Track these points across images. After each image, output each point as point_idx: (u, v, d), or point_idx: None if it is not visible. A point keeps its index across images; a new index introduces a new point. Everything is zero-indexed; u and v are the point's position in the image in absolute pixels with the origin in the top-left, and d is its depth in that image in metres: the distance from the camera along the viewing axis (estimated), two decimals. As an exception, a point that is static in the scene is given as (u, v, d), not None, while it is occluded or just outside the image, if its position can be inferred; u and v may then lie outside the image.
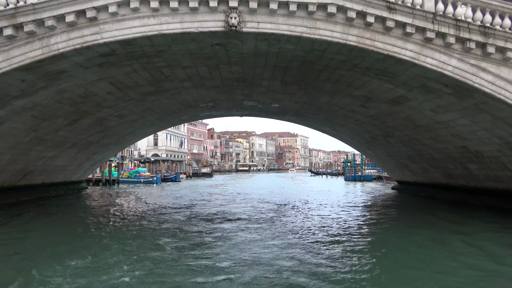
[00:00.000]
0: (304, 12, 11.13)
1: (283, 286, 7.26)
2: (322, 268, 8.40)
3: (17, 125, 15.57)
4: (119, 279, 7.50)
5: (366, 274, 8.02)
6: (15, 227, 13.47)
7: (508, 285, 7.53)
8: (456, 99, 12.97)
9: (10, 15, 10.76)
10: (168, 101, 20.63)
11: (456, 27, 11.01)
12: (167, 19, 11.17)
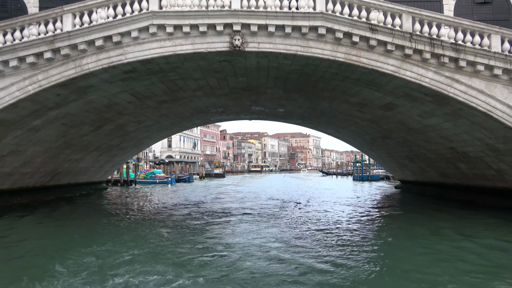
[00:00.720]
0: (298, 34, 12.89)
1: (267, 259, 9.11)
2: (301, 249, 10.19)
3: (49, 132, 17.67)
4: (133, 256, 9.45)
5: (350, 261, 9.71)
6: (52, 221, 15.51)
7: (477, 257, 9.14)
8: (437, 106, 14.54)
9: (49, 41, 12.78)
10: (181, 108, 22.59)
11: (431, 44, 12.61)
12: (180, 42, 13.06)
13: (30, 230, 13.56)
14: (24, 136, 16.45)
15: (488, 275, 7.96)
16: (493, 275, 8.01)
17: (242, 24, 12.76)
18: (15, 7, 16.44)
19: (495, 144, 15.00)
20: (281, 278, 7.82)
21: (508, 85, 12.94)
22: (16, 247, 10.75)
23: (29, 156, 18.63)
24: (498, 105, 12.92)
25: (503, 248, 10.37)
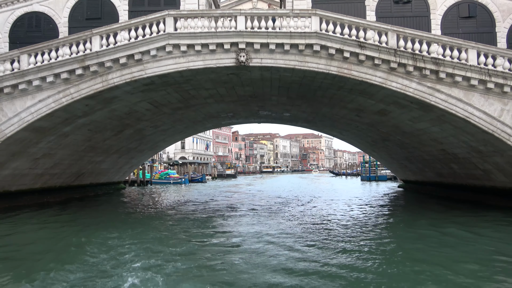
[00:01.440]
0: (295, 50, 14.64)
1: (261, 243, 10.95)
2: (292, 236, 11.94)
3: (77, 137, 19.77)
4: (148, 241, 11.39)
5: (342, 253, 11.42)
6: (81, 215, 17.56)
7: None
8: (423, 112, 16.11)
9: (80, 59, 14.81)
10: (194, 113, 24.52)
11: (413, 58, 14.23)
12: (193, 58, 14.95)
13: (66, 221, 15.66)
14: (56, 141, 18.56)
15: (461, 252, 9.79)
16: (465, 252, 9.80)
17: (246, 43, 14.58)
18: (48, 27, 18.58)
19: (477, 146, 16.50)
20: (270, 257, 9.60)
21: (485, 94, 14.47)
22: (59, 232, 13.04)
23: (58, 159, 20.78)
24: (476, 112, 14.47)
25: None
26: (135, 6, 18.56)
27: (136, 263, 8.80)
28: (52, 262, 9.00)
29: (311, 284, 7.52)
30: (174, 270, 8.45)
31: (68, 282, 7.59)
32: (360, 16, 17.78)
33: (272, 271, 8.41)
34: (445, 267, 8.48)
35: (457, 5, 17.81)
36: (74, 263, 8.90)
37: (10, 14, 18.69)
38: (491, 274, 8.15)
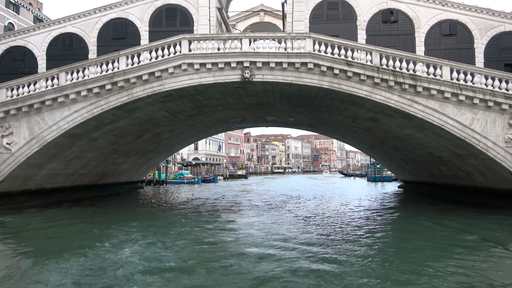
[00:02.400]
0: (292, 68, 17.02)
1: (257, 229, 13.33)
2: (282, 223, 14.30)
3: (103, 141, 22.47)
4: (160, 228, 13.87)
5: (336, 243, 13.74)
6: (107, 209, 20.23)
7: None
8: (406, 120, 18.30)
9: (109, 76, 17.46)
10: (206, 119, 27.07)
11: (394, 75, 16.45)
12: (204, 75, 17.45)
13: (94, 213, 18.35)
14: (86, 145, 21.29)
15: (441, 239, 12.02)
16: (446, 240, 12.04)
17: (250, 62, 17.02)
18: (79, 46, 21.35)
19: (456, 150, 18.60)
20: (260, 239, 12.04)
21: (457, 105, 16.60)
22: (90, 221, 15.63)
23: (87, 160, 23.54)
24: (449, 120, 16.61)
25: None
26: (154, 27, 21.18)
27: (147, 243, 11.33)
28: (86, 240, 11.73)
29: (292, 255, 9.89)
30: (178, 245, 11.06)
31: (98, 252, 10.23)
32: (352, 34, 20.12)
33: (261, 246, 10.89)
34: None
35: (439, 24, 19.93)
36: (103, 242, 11.52)
37: (47, 35, 21.52)
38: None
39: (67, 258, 9.47)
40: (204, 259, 9.78)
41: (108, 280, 7.90)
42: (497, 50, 19.65)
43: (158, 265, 8.97)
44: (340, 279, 7.95)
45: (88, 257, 9.69)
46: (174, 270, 8.60)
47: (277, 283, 7.71)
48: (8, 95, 18.08)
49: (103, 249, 10.59)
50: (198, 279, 7.98)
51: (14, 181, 19.28)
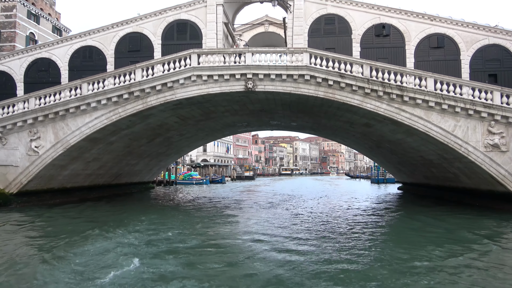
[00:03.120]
0: (291, 79, 18.82)
1: (255, 221, 15.16)
2: (277, 218, 16.07)
3: (119, 144, 24.50)
4: (170, 222, 15.74)
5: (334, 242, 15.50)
6: (123, 206, 22.21)
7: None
8: (396, 127, 19.98)
9: (127, 87, 19.45)
10: (214, 124, 28.99)
11: (383, 86, 18.16)
12: (211, 85, 19.34)
13: (112, 209, 20.34)
14: (103, 148, 23.32)
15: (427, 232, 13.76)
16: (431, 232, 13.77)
17: (253, 74, 18.87)
18: (98, 58, 23.40)
19: (442, 154, 20.21)
20: (255, 228, 13.88)
21: (441, 113, 18.23)
22: (109, 215, 17.64)
23: (104, 162, 25.60)
24: (434, 127, 18.26)
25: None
26: (166, 40, 23.14)
27: (158, 232, 13.30)
28: (110, 227, 13.79)
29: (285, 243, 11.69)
30: (182, 231, 13.03)
31: (117, 236, 12.21)
32: (347, 47, 21.87)
33: (255, 234, 12.75)
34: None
35: (428, 37, 21.56)
36: (120, 229, 13.55)
37: (69, 47, 23.63)
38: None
39: (94, 239, 11.58)
40: (204, 242, 11.77)
41: (126, 255, 9.91)
42: (482, 62, 21.21)
43: (167, 245, 11.02)
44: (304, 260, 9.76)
45: (111, 240, 11.68)
46: (177, 250, 10.63)
47: (258, 259, 9.71)
48: (36, 103, 20.18)
49: (125, 234, 12.56)
50: (196, 255, 10.27)
51: (41, 181, 21.38)
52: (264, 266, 9.16)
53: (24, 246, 11.45)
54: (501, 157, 17.87)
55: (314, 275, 8.47)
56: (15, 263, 9.39)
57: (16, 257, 9.99)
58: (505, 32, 21.01)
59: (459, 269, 9.00)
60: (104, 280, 8.01)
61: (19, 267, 9.07)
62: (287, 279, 8.15)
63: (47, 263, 9.32)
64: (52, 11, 41.57)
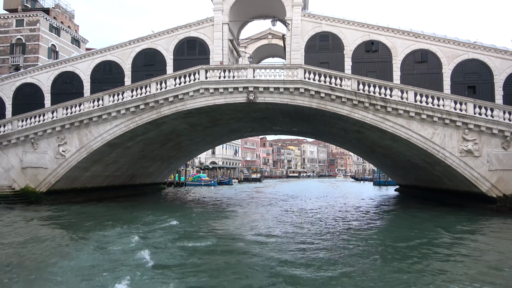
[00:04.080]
0: (287, 92, 21.26)
1: (252, 214, 17.59)
2: (271, 214, 18.47)
3: (135, 149, 27.15)
4: (179, 217, 18.25)
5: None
6: (139, 204, 24.81)
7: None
8: (382, 134, 22.26)
9: (143, 98, 22.08)
10: (220, 129, 31.54)
11: (368, 98, 20.48)
12: (217, 97, 21.87)
13: (130, 206, 22.96)
14: (121, 152, 25.99)
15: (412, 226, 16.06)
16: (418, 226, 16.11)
17: (253, 87, 21.36)
18: (117, 71, 26.12)
19: (424, 158, 22.43)
20: (250, 221, 16.31)
21: (421, 122, 20.49)
22: (127, 211, 20.16)
23: (121, 164, 28.28)
24: (414, 134, 20.52)
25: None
26: (178, 55, 25.77)
27: (168, 222, 15.84)
28: (127, 220, 16.31)
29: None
30: (188, 222, 15.47)
31: (133, 227, 14.74)
32: (340, 62, 24.24)
33: (252, 228, 15.19)
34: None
35: (413, 52, 23.82)
36: (135, 222, 16.09)
37: (91, 62, 26.40)
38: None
39: (110, 228, 14.24)
40: (206, 231, 14.26)
41: (142, 239, 12.44)
42: (462, 75, 23.40)
43: (170, 231, 13.63)
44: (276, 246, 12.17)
45: (130, 228, 14.26)
46: (182, 236, 13.16)
47: (247, 242, 12.24)
48: (64, 113, 22.93)
49: (141, 225, 15.10)
50: (199, 238, 12.68)
51: (66, 181, 24.11)
52: (246, 244, 11.71)
53: (57, 232, 14.07)
54: (474, 161, 20.06)
55: (279, 252, 10.97)
56: (51, 243, 12.03)
57: (52, 239, 12.62)
58: (483, 48, 23.18)
59: (405, 247, 11.40)
60: (116, 254, 10.59)
61: (55, 245, 11.71)
62: (257, 253, 10.74)
63: (75, 243, 12.01)
64: (71, 24, 44.62)
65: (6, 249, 11.22)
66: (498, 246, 12.34)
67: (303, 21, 24.65)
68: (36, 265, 9.48)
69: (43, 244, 11.93)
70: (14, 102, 26.96)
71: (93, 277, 8.38)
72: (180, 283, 8.10)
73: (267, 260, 10.04)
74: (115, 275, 8.44)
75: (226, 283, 8.18)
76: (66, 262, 9.55)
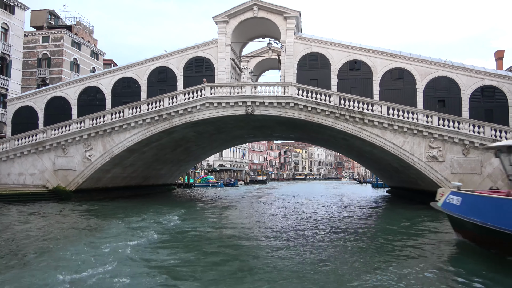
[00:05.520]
0: (280, 106, 24.93)
1: (247, 208, 21.27)
2: (263, 209, 22.11)
3: (149, 153, 31.05)
4: (187, 213, 22.00)
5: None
6: (152, 201, 28.64)
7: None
8: (362, 141, 25.78)
9: (157, 111, 25.95)
10: (224, 136, 35.34)
11: (348, 111, 24.05)
12: (220, 110, 25.63)
13: (145, 202, 26.80)
14: (137, 156, 29.90)
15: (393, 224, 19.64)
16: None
17: (251, 101, 25.07)
18: (134, 86, 30.10)
19: (399, 163, 25.89)
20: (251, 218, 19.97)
21: (393, 132, 23.96)
22: (142, 207, 23.93)
23: (137, 167, 32.22)
24: (387, 142, 24.02)
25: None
26: (187, 72, 29.65)
27: (177, 216, 19.56)
28: (143, 212, 20.00)
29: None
30: (191, 216, 19.17)
31: (147, 217, 18.43)
32: (327, 78, 27.84)
33: (247, 219, 18.86)
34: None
35: (390, 70, 27.32)
36: (148, 213, 19.77)
37: (112, 78, 30.43)
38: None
39: (137, 217, 17.95)
40: (207, 222, 17.98)
41: (157, 226, 16.16)
42: (433, 90, 26.81)
43: (183, 217, 17.29)
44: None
45: (144, 218, 18.06)
46: (186, 225, 16.84)
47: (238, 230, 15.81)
48: (90, 123, 26.92)
49: (159, 215, 18.90)
50: (199, 227, 16.23)
51: (91, 181, 28.08)
52: (232, 230, 15.39)
53: (85, 222, 17.84)
54: (439, 165, 23.48)
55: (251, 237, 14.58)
56: (81, 228, 15.79)
57: (82, 225, 16.38)
58: (452, 66, 26.59)
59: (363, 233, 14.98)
60: (134, 229, 14.34)
61: (82, 229, 15.48)
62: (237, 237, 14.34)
63: (108, 223, 15.73)
64: (91, 38, 48.94)
65: (57, 231, 15.07)
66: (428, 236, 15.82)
67: (296, 43, 28.34)
68: (86, 237, 13.27)
69: (86, 223, 15.80)
70: (45, 112, 31.10)
71: (121, 240, 12.10)
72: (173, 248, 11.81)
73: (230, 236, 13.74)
74: (130, 239, 12.27)
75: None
76: (104, 233, 13.33)
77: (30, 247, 11.53)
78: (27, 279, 8.20)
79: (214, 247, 12.18)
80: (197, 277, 8.69)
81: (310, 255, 10.99)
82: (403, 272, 9.04)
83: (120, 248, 11.36)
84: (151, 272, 8.94)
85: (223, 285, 8.13)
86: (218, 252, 11.41)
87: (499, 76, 25.97)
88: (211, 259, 10.43)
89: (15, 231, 14.84)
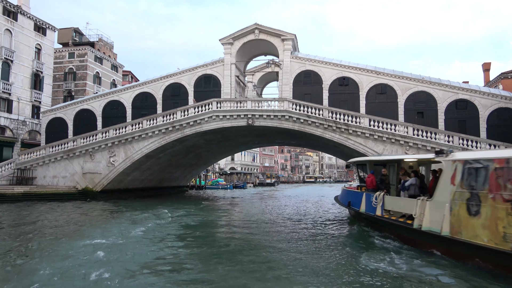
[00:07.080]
0: (276, 118, 28.81)
1: (241, 208, 25.16)
2: (261, 206, 25.94)
3: (164, 158, 35.24)
4: (198, 211, 26.01)
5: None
6: (167, 201, 32.75)
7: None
8: (349, 149, 29.45)
9: (171, 123, 30.11)
10: (231, 143, 39.37)
11: (335, 123, 27.77)
12: (225, 121, 29.65)
13: (161, 201, 30.94)
14: (154, 161, 34.13)
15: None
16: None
17: (251, 114, 29.02)
18: (151, 100, 34.37)
19: (382, 167, 29.38)
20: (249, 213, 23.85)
21: (374, 141, 27.57)
22: (157, 205, 28.07)
23: (153, 170, 36.47)
24: (369, 150, 27.64)
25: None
26: (197, 88, 33.78)
27: (186, 213, 23.57)
28: (158, 208, 24.09)
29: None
30: (198, 211, 23.17)
31: (160, 213, 22.45)
32: (319, 93, 31.61)
33: (246, 215, 22.75)
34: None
35: (375, 86, 30.93)
36: (161, 207, 23.80)
37: (132, 93, 34.79)
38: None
39: (152, 212, 22.03)
40: (214, 216, 21.96)
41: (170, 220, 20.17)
42: (413, 103, 30.29)
43: (180, 215, 21.29)
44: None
45: (158, 214, 22.10)
46: (191, 217, 20.84)
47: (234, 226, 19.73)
48: (114, 133, 31.24)
49: (171, 211, 22.96)
50: (206, 219, 20.18)
51: (114, 183, 32.40)
52: (224, 222, 19.27)
53: (109, 215, 22.00)
54: (414, 170, 26.96)
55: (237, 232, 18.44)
56: (107, 220, 19.92)
57: (107, 219, 20.52)
58: (429, 82, 30.06)
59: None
60: (146, 225, 18.36)
61: (108, 220, 19.59)
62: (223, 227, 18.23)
63: (123, 219, 19.83)
64: (111, 53, 53.66)
65: (93, 222, 19.23)
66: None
67: (292, 61, 32.21)
68: (118, 224, 17.34)
69: (114, 215, 19.93)
70: (74, 123, 35.63)
71: (148, 222, 16.14)
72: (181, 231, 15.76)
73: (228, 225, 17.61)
74: (145, 223, 16.33)
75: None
76: (131, 220, 17.39)
77: (76, 230, 15.73)
78: (65, 247, 12.29)
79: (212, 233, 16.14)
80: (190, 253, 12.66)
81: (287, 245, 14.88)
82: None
83: (148, 228, 15.53)
84: (165, 243, 12.98)
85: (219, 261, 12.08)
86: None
87: (471, 90, 29.33)
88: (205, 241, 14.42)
89: (71, 218, 19.22)
